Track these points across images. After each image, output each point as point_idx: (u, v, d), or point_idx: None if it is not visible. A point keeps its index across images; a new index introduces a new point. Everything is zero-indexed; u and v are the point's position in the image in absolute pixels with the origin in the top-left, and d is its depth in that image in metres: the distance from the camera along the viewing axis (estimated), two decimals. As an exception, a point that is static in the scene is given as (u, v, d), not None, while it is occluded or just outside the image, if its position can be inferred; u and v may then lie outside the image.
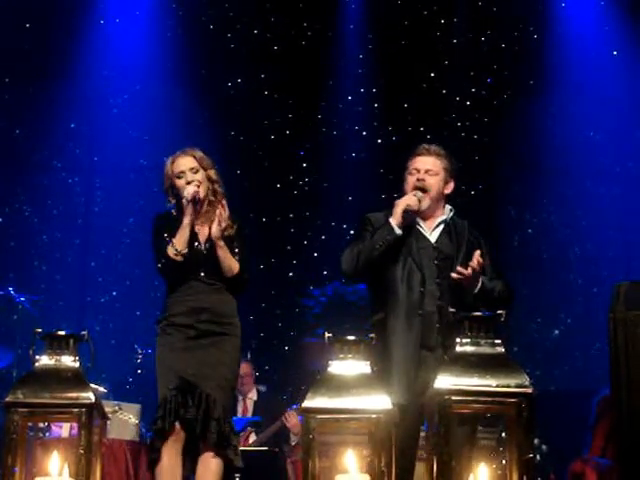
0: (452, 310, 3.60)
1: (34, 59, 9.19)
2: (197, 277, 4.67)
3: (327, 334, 3.45)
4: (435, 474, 3.23)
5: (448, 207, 4.64)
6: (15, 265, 9.14)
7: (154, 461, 4.54)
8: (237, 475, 6.16)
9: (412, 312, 4.37)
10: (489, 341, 3.39)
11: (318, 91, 9.76)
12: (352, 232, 5.11)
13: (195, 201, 4.65)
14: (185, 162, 4.77)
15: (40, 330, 3.54)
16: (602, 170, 9.66)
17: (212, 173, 4.81)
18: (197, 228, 4.78)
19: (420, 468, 4.18)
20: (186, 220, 4.66)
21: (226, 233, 4.74)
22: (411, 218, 4.49)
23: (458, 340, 3.39)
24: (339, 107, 9.86)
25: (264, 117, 9.79)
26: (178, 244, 4.65)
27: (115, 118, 9.62)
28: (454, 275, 4.35)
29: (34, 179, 9.58)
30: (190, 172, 4.74)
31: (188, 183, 4.70)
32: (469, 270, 4.33)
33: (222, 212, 4.67)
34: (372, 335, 3.60)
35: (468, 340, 3.38)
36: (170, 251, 4.66)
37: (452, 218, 4.62)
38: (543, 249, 9.74)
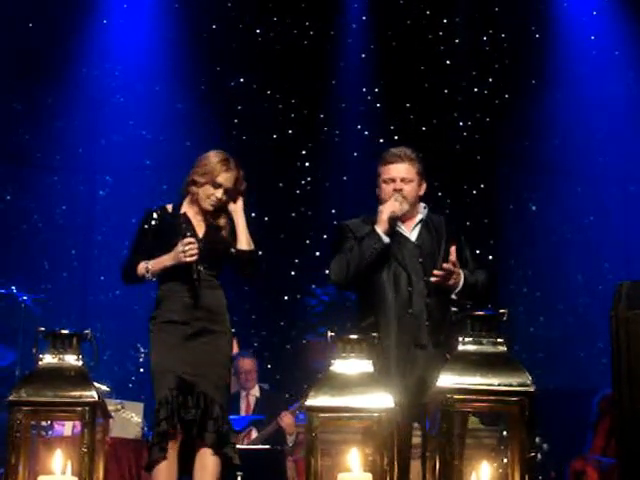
0: (454, 309, 3.62)
1: (37, 59, 9.19)
2: (195, 272, 4.67)
3: (329, 333, 3.47)
4: (438, 473, 3.24)
5: (422, 205, 4.70)
6: (18, 264, 9.14)
7: (154, 462, 4.53)
8: (239, 474, 6.18)
9: (402, 312, 4.41)
10: (491, 340, 3.39)
11: (320, 90, 9.77)
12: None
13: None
14: (228, 181, 4.79)
15: (43, 329, 3.55)
16: (604, 169, 9.66)
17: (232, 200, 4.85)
18: (197, 222, 4.80)
19: (414, 466, 4.21)
20: (172, 262, 4.64)
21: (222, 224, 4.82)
22: (396, 223, 4.54)
23: (460, 339, 3.40)
24: (341, 106, 9.86)
25: (266, 116, 9.79)
26: (152, 271, 4.68)
27: (117, 117, 9.62)
28: (433, 279, 4.40)
29: (37, 178, 9.59)
30: (223, 190, 4.78)
31: (218, 199, 4.74)
32: (445, 268, 4.38)
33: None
34: (374, 334, 3.61)
35: (470, 339, 3.39)
36: (141, 269, 4.69)
37: (428, 215, 4.68)
38: (544, 248, 9.74)
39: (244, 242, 4.79)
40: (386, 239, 4.47)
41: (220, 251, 4.79)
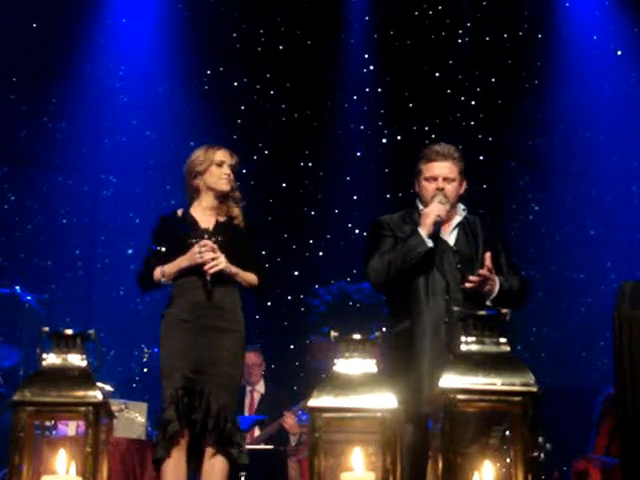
0: (456, 308, 3.61)
1: (40, 59, 9.21)
2: (203, 270, 4.67)
3: (333, 333, 3.46)
4: (440, 472, 3.24)
5: (461, 206, 4.63)
6: (22, 264, 9.16)
7: (159, 461, 4.55)
8: (243, 474, 6.19)
9: (438, 320, 4.34)
10: (494, 340, 3.39)
11: (323, 90, 9.78)
12: (358, 234, 5.02)
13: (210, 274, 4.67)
14: (226, 156, 4.85)
15: (47, 329, 3.55)
16: (607, 168, 9.66)
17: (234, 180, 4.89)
18: (206, 219, 4.81)
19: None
20: (188, 263, 4.68)
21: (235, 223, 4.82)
22: (440, 227, 4.46)
23: (463, 339, 3.40)
24: (344, 106, 9.87)
25: (270, 116, 9.80)
26: (169, 274, 4.71)
27: (121, 117, 9.64)
28: (468, 285, 4.34)
29: (41, 178, 9.61)
30: (228, 166, 4.82)
31: (228, 175, 4.81)
32: (481, 275, 4.32)
33: (221, 262, 4.67)
34: (377, 334, 3.61)
35: (473, 339, 3.39)
36: (157, 274, 4.72)
37: (465, 217, 4.61)
38: (547, 247, 9.75)
39: (245, 286, 4.80)
40: (430, 243, 4.37)
41: (236, 242, 4.78)
